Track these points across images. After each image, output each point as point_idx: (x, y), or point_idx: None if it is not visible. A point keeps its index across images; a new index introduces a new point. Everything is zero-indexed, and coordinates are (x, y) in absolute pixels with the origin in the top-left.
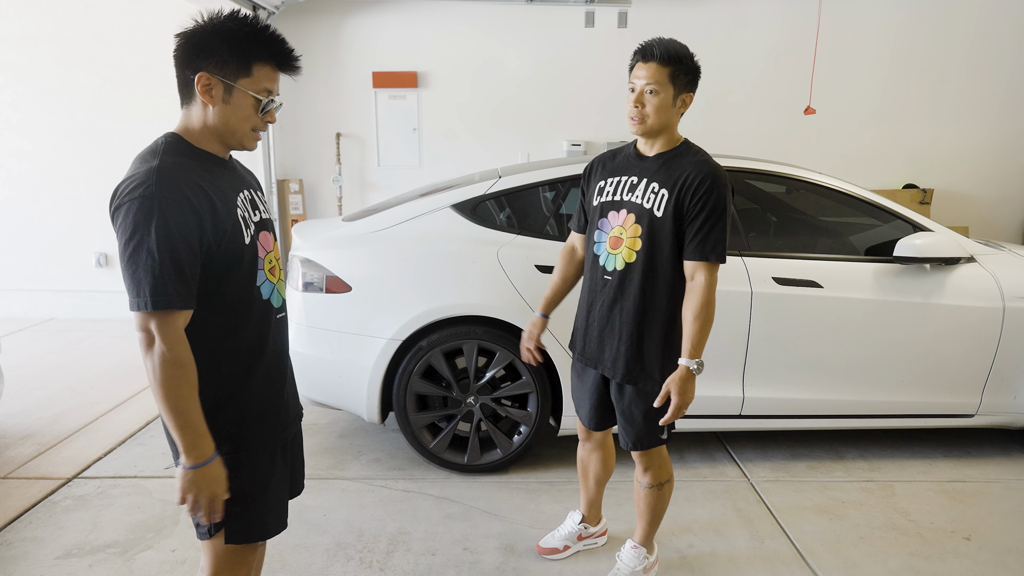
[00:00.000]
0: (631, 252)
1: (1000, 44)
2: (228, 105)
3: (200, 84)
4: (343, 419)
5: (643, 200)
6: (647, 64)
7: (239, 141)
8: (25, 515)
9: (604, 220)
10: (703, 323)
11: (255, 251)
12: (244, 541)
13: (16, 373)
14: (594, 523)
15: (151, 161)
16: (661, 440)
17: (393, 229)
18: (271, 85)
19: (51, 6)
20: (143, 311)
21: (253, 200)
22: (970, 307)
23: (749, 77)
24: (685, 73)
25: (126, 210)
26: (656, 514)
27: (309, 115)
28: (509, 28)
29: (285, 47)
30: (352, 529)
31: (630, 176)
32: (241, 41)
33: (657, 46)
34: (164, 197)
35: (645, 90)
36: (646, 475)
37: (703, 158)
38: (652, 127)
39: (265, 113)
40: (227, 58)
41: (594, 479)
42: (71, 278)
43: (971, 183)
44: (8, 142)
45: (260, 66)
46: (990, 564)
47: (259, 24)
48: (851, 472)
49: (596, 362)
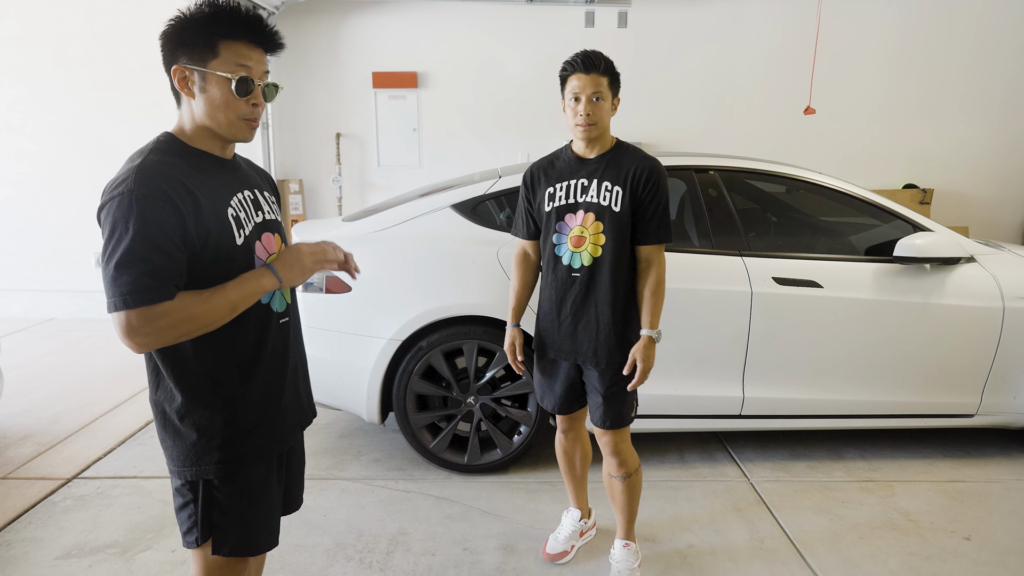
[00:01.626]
0: (596, 247)
1: (1000, 44)
2: (206, 93)
3: (176, 78)
4: (343, 419)
5: (599, 199)
6: (589, 75)
7: (230, 132)
8: (25, 515)
9: (562, 223)
10: (660, 297)
11: (250, 253)
12: (231, 554)
13: (16, 373)
14: (588, 516)
15: (135, 160)
16: (628, 418)
17: (393, 229)
18: (244, 61)
19: (51, 6)
20: (122, 310)
21: (257, 201)
22: (970, 307)
23: (749, 77)
24: (615, 80)
25: (107, 208)
26: (633, 504)
27: (309, 115)
28: (509, 28)
29: (251, 17)
30: (352, 529)
31: (578, 179)
32: (202, 22)
33: (598, 58)
34: (142, 194)
35: (591, 98)
36: (618, 465)
37: (642, 154)
38: (601, 131)
39: (249, 95)
40: (194, 44)
41: (580, 468)
42: (71, 278)
43: (971, 183)
44: (8, 142)
45: (226, 44)
46: (990, 564)
47: (224, 2)
48: (851, 472)
49: (572, 354)
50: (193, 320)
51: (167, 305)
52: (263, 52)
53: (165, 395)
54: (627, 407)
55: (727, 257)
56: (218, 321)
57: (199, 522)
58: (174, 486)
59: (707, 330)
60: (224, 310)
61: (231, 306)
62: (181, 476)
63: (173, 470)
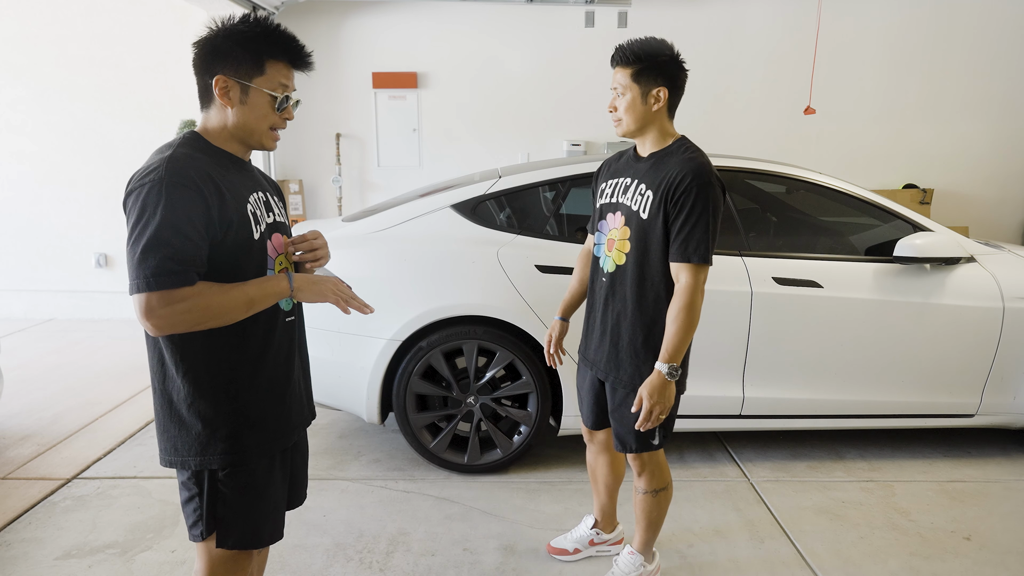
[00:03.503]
0: (621, 254)
1: (1000, 44)
2: (246, 105)
3: (218, 87)
4: (343, 419)
5: (631, 202)
6: (614, 69)
7: (259, 140)
8: (24, 516)
9: (603, 222)
10: (681, 326)
11: (264, 250)
12: (236, 547)
13: (16, 373)
14: (608, 530)
15: (165, 152)
16: (652, 445)
17: (393, 229)
18: (286, 81)
19: (51, 6)
20: (144, 292)
21: (268, 202)
22: (970, 307)
23: (749, 77)
24: (651, 68)
25: (135, 195)
26: (651, 521)
27: (309, 116)
28: (509, 28)
29: (296, 44)
30: (352, 530)
31: (625, 177)
32: (253, 41)
33: (618, 50)
34: (172, 182)
35: (616, 93)
36: (640, 479)
37: (690, 156)
38: (628, 127)
39: (282, 110)
40: (241, 59)
41: (603, 484)
42: (71, 279)
43: (971, 183)
44: (8, 142)
45: (273, 64)
46: (990, 564)
47: (270, 24)
48: (851, 472)
49: (592, 364)
50: (208, 309)
51: (187, 290)
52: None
53: (172, 385)
54: (638, 435)
55: (727, 257)
56: (233, 314)
57: (204, 515)
58: (180, 479)
59: (707, 330)
60: (241, 305)
61: (248, 302)
62: (186, 466)
63: (177, 461)
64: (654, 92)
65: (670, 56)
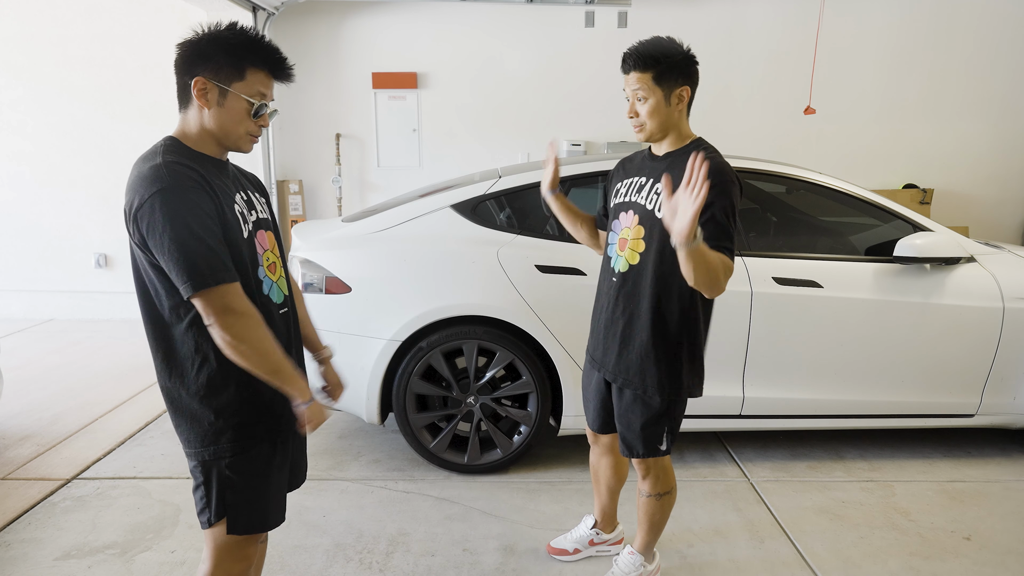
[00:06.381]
0: (634, 254)
1: (1000, 44)
2: (222, 108)
3: (196, 88)
4: (343, 420)
5: (646, 201)
6: (628, 75)
7: (234, 143)
8: (24, 516)
9: (616, 221)
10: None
11: (253, 247)
12: (246, 531)
13: (15, 374)
14: (608, 530)
15: (154, 160)
16: (659, 450)
17: (393, 230)
18: (264, 90)
19: (51, 6)
20: (204, 289)
21: (250, 200)
22: (970, 307)
23: (749, 77)
24: (671, 69)
25: (149, 206)
26: (654, 524)
27: (309, 116)
28: (509, 28)
29: (278, 55)
30: (352, 530)
31: (640, 177)
32: (236, 48)
33: (632, 55)
34: (182, 186)
35: (636, 98)
36: (645, 483)
37: (708, 156)
38: (652, 132)
39: (258, 117)
40: (222, 63)
41: (605, 485)
42: (71, 279)
43: (971, 183)
44: (8, 143)
45: (253, 71)
46: (990, 564)
47: (255, 34)
48: (851, 472)
49: (600, 365)
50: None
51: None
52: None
53: (180, 381)
54: (645, 440)
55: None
56: (250, 352)
57: (213, 501)
58: (190, 467)
59: None
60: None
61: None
62: (198, 457)
63: (189, 452)
64: (677, 92)
65: (685, 54)
